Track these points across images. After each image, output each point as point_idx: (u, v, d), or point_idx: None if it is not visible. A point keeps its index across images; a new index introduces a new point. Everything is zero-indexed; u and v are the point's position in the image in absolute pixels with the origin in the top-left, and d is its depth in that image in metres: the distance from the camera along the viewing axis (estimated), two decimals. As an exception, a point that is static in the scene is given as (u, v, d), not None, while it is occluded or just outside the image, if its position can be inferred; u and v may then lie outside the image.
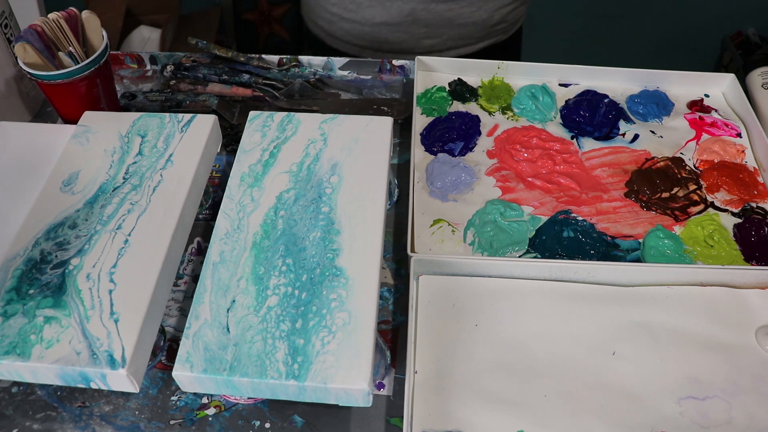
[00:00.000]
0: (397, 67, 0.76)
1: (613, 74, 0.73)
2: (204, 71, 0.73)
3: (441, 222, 0.59)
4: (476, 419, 0.46)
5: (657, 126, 0.69)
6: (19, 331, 0.45)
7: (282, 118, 0.60)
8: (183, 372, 0.43)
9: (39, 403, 0.49)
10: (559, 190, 0.62)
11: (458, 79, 0.73)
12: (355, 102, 0.72)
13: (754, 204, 0.62)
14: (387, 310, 0.55)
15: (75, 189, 0.54)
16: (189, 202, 0.55)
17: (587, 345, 0.50)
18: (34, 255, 0.49)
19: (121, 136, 0.59)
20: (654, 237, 0.58)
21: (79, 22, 0.62)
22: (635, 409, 0.47)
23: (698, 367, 0.49)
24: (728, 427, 0.46)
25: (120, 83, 0.76)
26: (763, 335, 0.51)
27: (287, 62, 0.77)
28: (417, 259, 0.53)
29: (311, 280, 0.48)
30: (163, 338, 0.53)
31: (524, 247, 0.57)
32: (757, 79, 0.73)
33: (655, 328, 0.51)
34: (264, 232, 0.51)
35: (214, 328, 0.45)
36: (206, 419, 0.48)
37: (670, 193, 0.62)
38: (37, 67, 0.59)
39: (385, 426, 0.48)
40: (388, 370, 0.51)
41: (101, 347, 0.44)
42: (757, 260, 0.57)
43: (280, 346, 0.44)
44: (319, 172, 0.55)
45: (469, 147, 0.66)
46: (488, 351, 0.50)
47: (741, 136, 0.68)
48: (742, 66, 1.67)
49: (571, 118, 0.69)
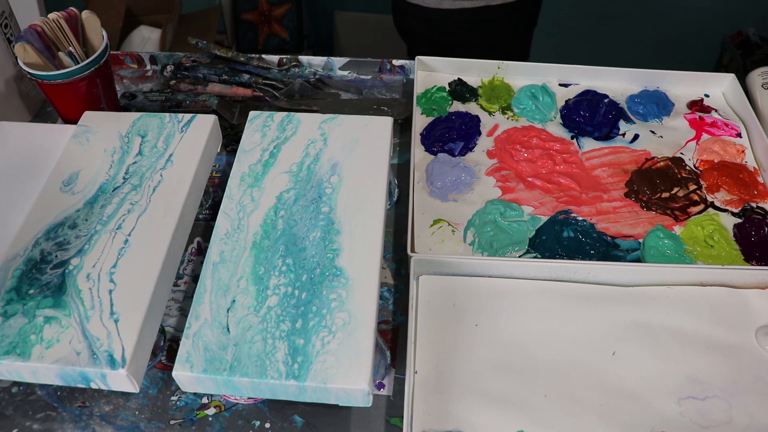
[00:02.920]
0: (397, 67, 0.76)
1: (613, 74, 0.73)
2: (204, 71, 0.73)
3: (441, 222, 0.59)
4: (476, 419, 0.46)
5: (657, 126, 0.69)
6: (19, 331, 0.45)
7: (282, 118, 0.60)
8: (183, 372, 0.43)
9: (39, 403, 0.49)
10: (559, 190, 0.62)
11: (458, 79, 0.73)
12: (355, 102, 0.72)
13: (754, 204, 0.62)
14: (387, 310, 0.55)
15: (75, 189, 0.54)
16: (189, 202, 0.55)
17: (587, 345, 0.50)
18: (34, 255, 0.49)
19: (121, 136, 0.59)
20: (654, 237, 0.58)
21: (79, 22, 0.62)
22: (635, 409, 0.47)
23: (698, 367, 0.49)
24: (728, 427, 0.46)
25: (120, 83, 0.76)
26: (763, 335, 0.51)
27: (287, 62, 0.77)
28: (417, 259, 0.53)
29: (311, 280, 0.48)
30: (163, 338, 0.53)
31: (524, 247, 0.57)
32: (757, 79, 0.73)
33: (655, 328, 0.51)
34: (264, 232, 0.51)
35: (214, 328, 0.45)
36: (206, 419, 0.48)
37: (670, 193, 0.62)
38: (37, 67, 0.59)
39: (385, 426, 0.48)
40: (388, 370, 0.51)
41: (101, 347, 0.44)
42: (757, 260, 0.57)
43: (280, 346, 0.44)
44: (319, 172, 0.55)
45: (469, 147, 0.66)
46: (488, 351, 0.50)
47: (741, 136, 0.68)
48: (742, 66, 1.67)
49: (571, 118, 0.69)
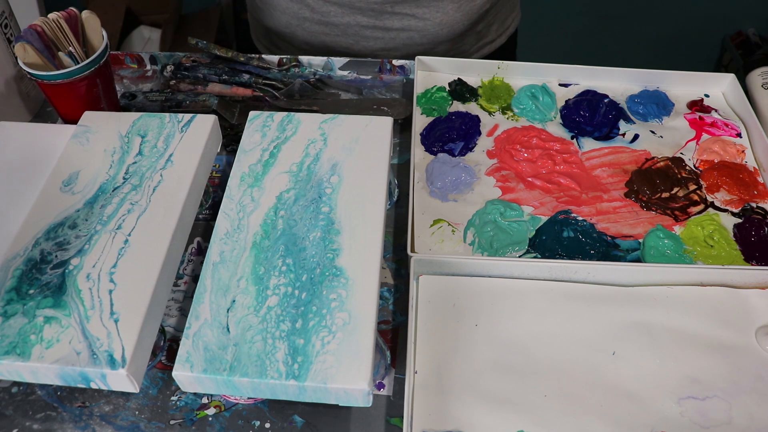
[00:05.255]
0: (397, 67, 0.76)
1: (613, 74, 0.73)
2: (204, 71, 0.73)
3: (441, 222, 0.59)
4: (476, 419, 0.46)
5: (657, 126, 0.69)
6: (19, 331, 0.45)
7: (282, 118, 0.60)
8: (183, 372, 0.43)
9: (39, 403, 0.49)
10: (559, 190, 0.62)
11: (458, 79, 0.73)
12: (355, 102, 0.72)
13: (754, 204, 0.62)
14: (387, 310, 0.55)
15: (75, 189, 0.54)
16: (189, 202, 0.55)
17: (587, 345, 0.50)
18: (34, 255, 0.49)
19: (121, 136, 0.59)
20: (654, 237, 0.58)
21: (79, 22, 0.62)
22: (635, 409, 0.47)
23: (698, 367, 0.49)
24: (728, 427, 0.46)
25: (120, 83, 0.76)
26: (763, 335, 0.51)
27: (287, 62, 0.77)
28: (417, 259, 0.53)
29: (311, 280, 0.48)
30: (163, 338, 0.53)
31: (524, 247, 0.57)
32: (757, 79, 0.73)
33: (655, 328, 0.51)
34: (264, 232, 0.51)
35: (214, 328, 0.45)
36: (206, 419, 0.48)
37: (670, 193, 0.62)
38: (37, 67, 0.59)
39: (385, 426, 0.48)
40: (388, 370, 0.51)
41: (101, 347, 0.44)
42: (757, 260, 0.57)
43: (280, 346, 0.44)
44: (319, 172, 0.55)
45: (469, 147, 0.66)
46: (488, 351, 0.50)
47: (741, 136, 0.68)
48: (742, 66, 1.68)
49: (571, 118, 0.69)
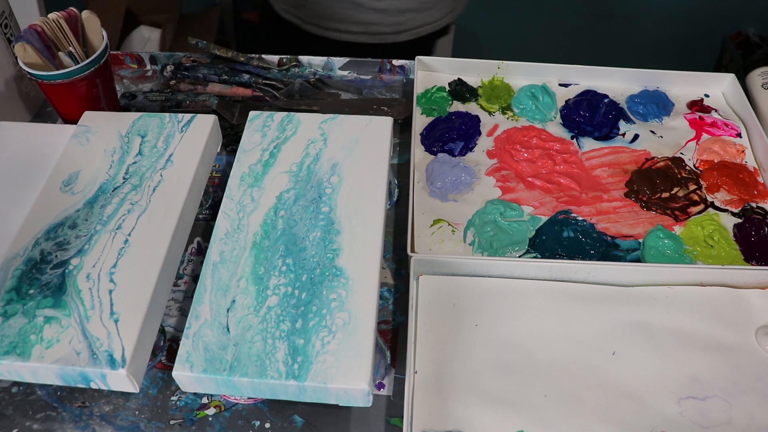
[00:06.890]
0: (397, 67, 0.76)
1: (613, 74, 0.73)
2: (204, 71, 0.73)
3: (441, 222, 0.59)
4: (476, 419, 0.46)
5: (657, 126, 0.69)
6: (19, 331, 0.45)
7: (282, 118, 0.60)
8: (183, 372, 0.43)
9: (39, 403, 0.49)
10: (559, 190, 0.62)
11: (458, 79, 0.73)
12: (355, 102, 0.72)
13: (754, 204, 0.62)
14: (387, 310, 0.55)
15: (75, 189, 0.54)
16: (189, 202, 0.55)
17: (587, 345, 0.50)
18: (34, 255, 0.49)
19: (121, 136, 0.59)
20: (654, 237, 0.58)
21: (79, 22, 0.62)
22: (635, 409, 0.47)
23: (698, 367, 0.49)
24: (728, 427, 0.46)
25: (120, 83, 0.76)
26: (763, 335, 0.51)
27: (287, 62, 0.77)
28: (417, 259, 0.53)
29: (311, 280, 0.48)
30: (163, 338, 0.53)
31: (524, 247, 0.57)
32: (757, 79, 0.73)
33: (655, 328, 0.51)
34: (264, 232, 0.51)
35: (214, 328, 0.45)
36: (206, 419, 0.48)
37: (670, 193, 0.62)
38: (37, 67, 0.59)
39: (385, 426, 0.48)
40: (388, 370, 0.51)
41: (101, 347, 0.44)
42: (757, 260, 0.57)
43: (280, 346, 0.44)
44: (319, 172, 0.55)
45: (469, 147, 0.66)
46: (488, 351, 0.50)
47: (741, 136, 0.68)
48: (742, 66, 1.67)
49: (571, 118, 0.69)
